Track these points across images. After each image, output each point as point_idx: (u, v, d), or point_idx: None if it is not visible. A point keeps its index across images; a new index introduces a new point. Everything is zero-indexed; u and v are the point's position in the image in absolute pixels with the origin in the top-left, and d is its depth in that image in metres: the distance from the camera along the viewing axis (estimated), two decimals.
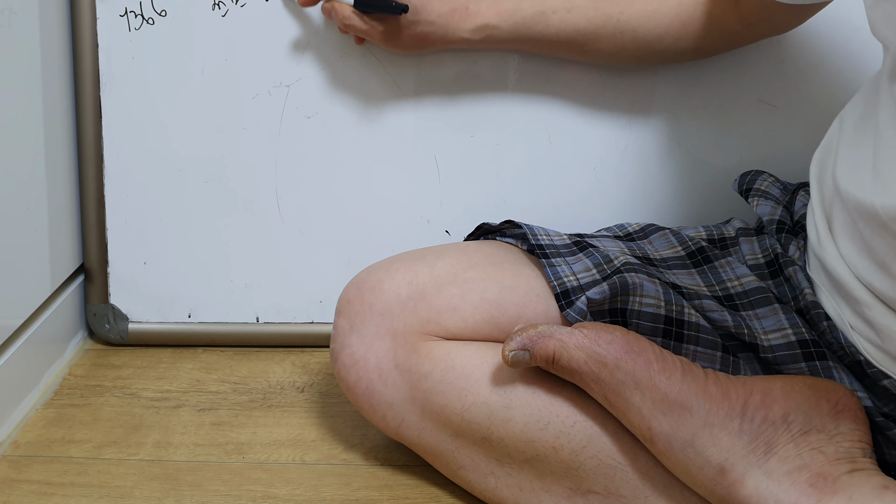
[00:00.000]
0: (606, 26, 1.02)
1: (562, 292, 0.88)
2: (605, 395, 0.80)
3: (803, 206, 0.95)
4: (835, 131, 0.88)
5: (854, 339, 0.81)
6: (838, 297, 0.83)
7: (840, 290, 0.82)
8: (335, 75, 1.13)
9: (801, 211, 0.94)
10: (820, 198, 0.87)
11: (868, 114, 0.81)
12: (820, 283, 0.86)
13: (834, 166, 0.84)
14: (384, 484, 0.95)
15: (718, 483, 0.75)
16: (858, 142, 0.81)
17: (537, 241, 0.94)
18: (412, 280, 0.91)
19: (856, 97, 0.87)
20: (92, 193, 1.17)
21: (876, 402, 0.80)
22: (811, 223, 0.88)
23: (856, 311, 0.81)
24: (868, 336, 0.80)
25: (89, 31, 1.13)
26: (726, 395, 0.77)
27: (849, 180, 0.80)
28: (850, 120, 0.85)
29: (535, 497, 0.85)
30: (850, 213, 0.79)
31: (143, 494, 0.93)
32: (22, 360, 1.06)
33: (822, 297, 0.85)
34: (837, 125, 0.88)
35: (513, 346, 0.81)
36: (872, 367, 0.80)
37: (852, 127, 0.84)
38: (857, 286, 0.79)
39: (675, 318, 0.85)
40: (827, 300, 0.85)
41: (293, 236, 1.18)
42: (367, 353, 0.91)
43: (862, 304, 0.79)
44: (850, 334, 0.81)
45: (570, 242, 0.95)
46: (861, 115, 0.83)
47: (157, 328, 1.19)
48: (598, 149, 1.15)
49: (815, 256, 0.87)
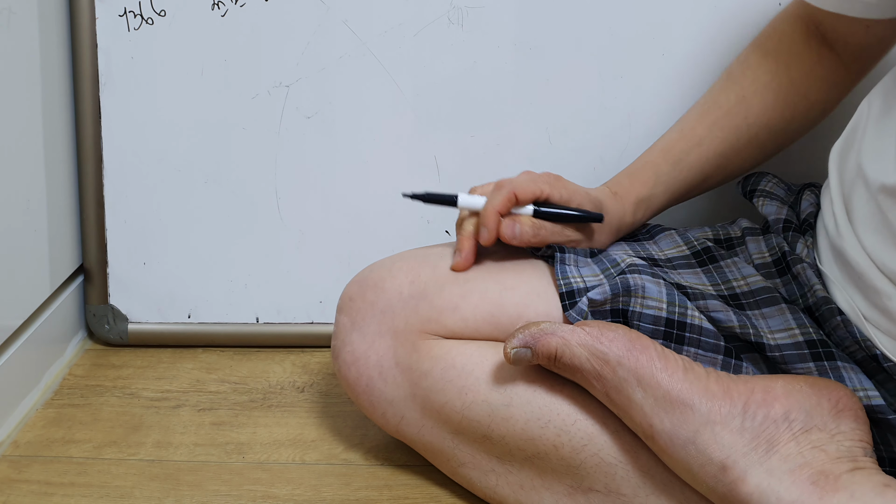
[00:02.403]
0: (740, 138, 0.99)
1: (567, 292, 0.88)
2: (606, 393, 0.80)
3: (810, 205, 0.95)
4: (861, 116, 0.87)
5: (870, 333, 0.81)
6: (855, 289, 0.83)
7: (858, 282, 0.82)
8: (335, 75, 1.13)
9: (809, 210, 0.94)
10: (840, 187, 0.87)
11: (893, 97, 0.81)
12: (834, 276, 0.86)
13: (859, 151, 0.84)
14: (384, 484, 0.95)
15: (720, 481, 0.75)
16: (885, 125, 0.81)
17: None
18: (414, 279, 0.91)
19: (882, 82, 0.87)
20: (91, 194, 1.17)
21: (889, 398, 0.80)
22: (829, 213, 0.88)
23: (874, 303, 0.80)
24: (886, 329, 0.80)
25: (88, 31, 1.13)
26: (728, 394, 0.77)
27: (875, 164, 0.80)
28: (876, 104, 0.85)
29: (536, 495, 0.85)
30: (875, 198, 0.79)
31: (143, 494, 0.93)
32: (22, 360, 1.05)
33: (834, 291, 0.85)
34: (865, 109, 0.87)
35: (515, 344, 0.81)
36: (889, 361, 0.80)
37: (878, 112, 0.83)
38: (878, 276, 0.79)
39: (677, 321, 0.84)
40: (840, 294, 0.85)
41: (293, 236, 1.18)
42: (367, 350, 0.91)
43: (882, 294, 0.79)
44: (865, 328, 0.81)
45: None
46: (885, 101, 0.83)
47: (157, 328, 1.19)
48: (598, 148, 1.15)
49: (830, 248, 0.87)
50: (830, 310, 0.84)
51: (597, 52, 1.12)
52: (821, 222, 0.91)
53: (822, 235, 0.90)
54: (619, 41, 1.12)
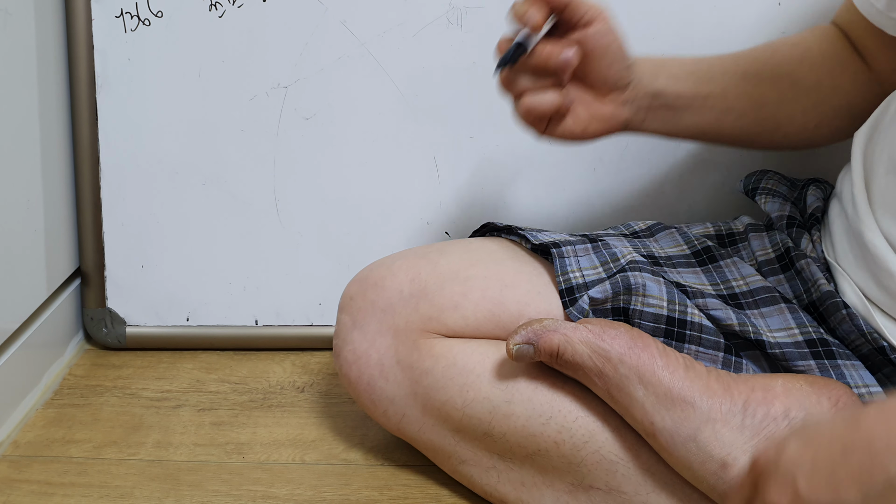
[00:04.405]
0: (766, 70, 0.97)
1: (566, 289, 0.88)
2: (608, 391, 0.80)
3: (817, 200, 0.95)
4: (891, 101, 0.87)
5: (877, 324, 0.81)
6: (868, 275, 0.83)
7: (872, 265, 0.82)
8: (333, 76, 1.13)
9: (815, 204, 0.94)
10: (862, 170, 0.86)
11: None
12: (846, 264, 0.86)
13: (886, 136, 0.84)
14: (384, 484, 0.95)
15: (720, 478, 0.75)
16: None
17: (539, 240, 0.94)
18: (414, 277, 0.91)
19: None
20: (88, 196, 1.16)
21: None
22: (847, 197, 0.88)
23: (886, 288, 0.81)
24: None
25: (84, 32, 1.13)
26: (728, 391, 0.77)
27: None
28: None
29: (538, 492, 0.85)
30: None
31: (143, 494, 0.93)
32: (21, 360, 1.05)
33: (842, 282, 0.86)
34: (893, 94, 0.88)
35: (517, 340, 0.81)
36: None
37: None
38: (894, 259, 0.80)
39: (678, 319, 0.85)
40: (848, 285, 0.85)
41: (292, 238, 1.18)
42: (368, 349, 0.91)
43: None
44: (872, 319, 0.82)
45: (580, 236, 0.95)
46: None
47: (156, 332, 1.19)
48: (598, 149, 1.15)
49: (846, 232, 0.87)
50: (835, 304, 0.84)
51: None
52: (834, 209, 0.91)
53: (837, 222, 0.90)
54: None
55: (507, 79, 0.87)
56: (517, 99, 0.87)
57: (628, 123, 0.92)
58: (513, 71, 0.86)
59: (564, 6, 0.84)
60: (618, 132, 0.93)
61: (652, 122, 0.94)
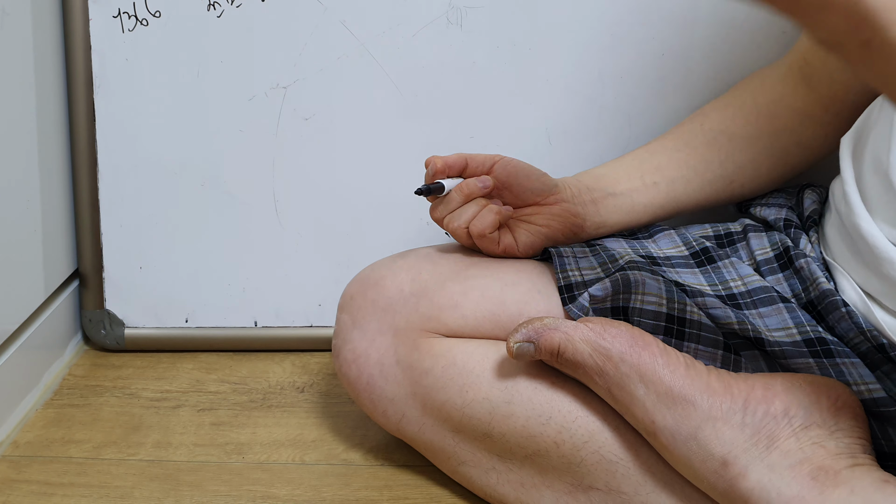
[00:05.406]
0: (699, 137, 1.01)
1: (565, 286, 0.88)
2: (608, 389, 0.80)
3: (813, 203, 0.96)
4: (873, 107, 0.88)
5: (876, 321, 0.81)
6: (866, 268, 0.83)
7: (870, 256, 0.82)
8: (333, 76, 1.13)
9: (812, 207, 0.95)
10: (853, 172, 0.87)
11: None
12: (843, 260, 0.86)
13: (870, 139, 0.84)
14: (384, 484, 0.95)
15: (721, 476, 0.75)
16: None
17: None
18: (415, 277, 0.92)
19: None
20: (86, 198, 1.16)
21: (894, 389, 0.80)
22: (840, 197, 0.88)
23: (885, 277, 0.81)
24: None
25: (82, 32, 1.13)
26: (728, 390, 0.77)
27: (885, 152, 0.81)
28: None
29: (537, 493, 0.85)
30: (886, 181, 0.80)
31: (143, 494, 0.93)
32: (21, 360, 1.05)
33: (841, 280, 0.86)
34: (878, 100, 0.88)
35: (518, 338, 0.81)
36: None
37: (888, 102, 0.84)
38: (891, 247, 0.80)
39: (677, 317, 0.85)
40: (847, 282, 0.85)
41: (291, 239, 1.18)
42: (368, 348, 0.91)
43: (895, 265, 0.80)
44: (872, 316, 0.82)
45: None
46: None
47: (154, 333, 1.19)
48: (598, 149, 1.15)
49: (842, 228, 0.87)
50: (834, 302, 0.84)
51: (597, 52, 1.12)
52: (830, 209, 0.92)
53: (832, 221, 0.90)
54: (619, 41, 1.12)
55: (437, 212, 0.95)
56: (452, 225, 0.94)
57: (585, 219, 0.97)
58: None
59: (464, 167, 0.95)
60: (579, 230, 0.97)
61: (606, 213, 0.98)
